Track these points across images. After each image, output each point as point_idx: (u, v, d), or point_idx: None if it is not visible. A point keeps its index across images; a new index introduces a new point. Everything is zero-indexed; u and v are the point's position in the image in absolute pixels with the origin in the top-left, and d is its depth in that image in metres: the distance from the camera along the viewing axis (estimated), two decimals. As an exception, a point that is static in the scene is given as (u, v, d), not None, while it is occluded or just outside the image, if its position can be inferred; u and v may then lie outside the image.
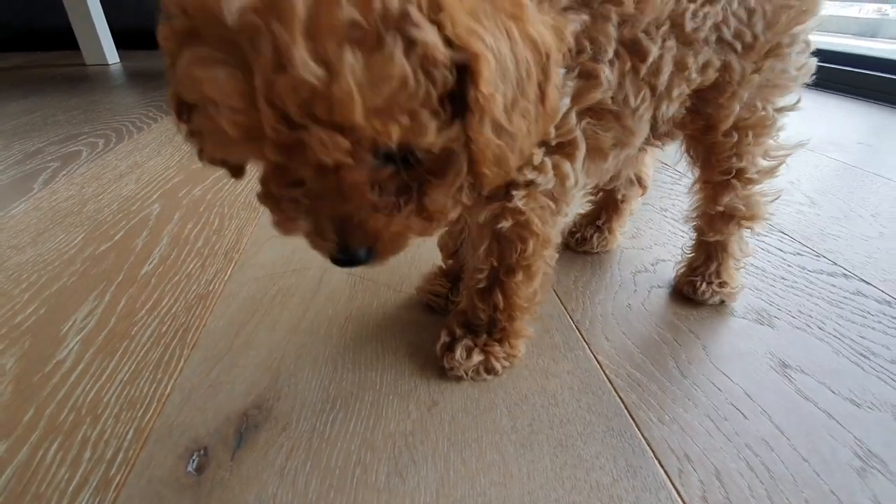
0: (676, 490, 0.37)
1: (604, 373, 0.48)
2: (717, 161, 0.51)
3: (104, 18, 2.03)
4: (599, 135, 0.41)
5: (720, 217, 0.55)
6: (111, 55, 2.09)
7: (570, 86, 0.37)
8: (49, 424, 0.42)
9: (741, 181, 0.51)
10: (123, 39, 2.17)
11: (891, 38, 2.04)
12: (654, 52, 0.39)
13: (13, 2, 2.27)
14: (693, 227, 0.59)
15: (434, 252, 0.58)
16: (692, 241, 0.61)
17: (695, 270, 0.60)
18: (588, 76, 0.38)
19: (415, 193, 0.30)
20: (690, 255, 0.61)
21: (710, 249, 0.59)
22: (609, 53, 0.38)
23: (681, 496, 0.37)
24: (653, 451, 0.40)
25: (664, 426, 0.42)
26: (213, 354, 0.50)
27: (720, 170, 0.51)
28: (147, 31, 2.43)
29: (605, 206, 0.69)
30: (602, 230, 0.69)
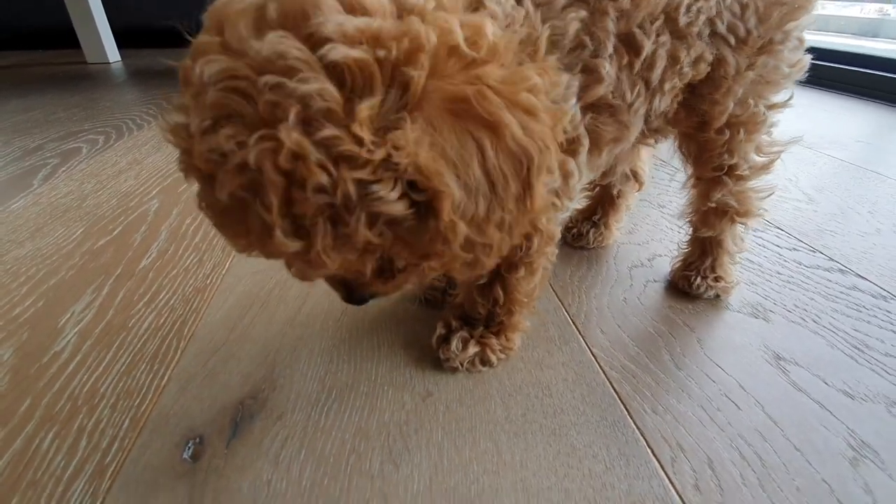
0: (669, 478, 0.37)
1: (598, 364, 0.48)
2: (709, 158, 0.51)
3: (105, 17, 2.04)
4: (599, 129, 0.41)
5: (713, 213, 0.55)
6: (112, 54, 2.09)
7: (575, 84, 0.38)
8: (46, 414, 0.42)
9: (732, 177, 0.52)
10: (124, 38, 2.18)
11: (891, 38, 2.04)
12: (648, 47, 0.40)
13: (14, 1, 2.28)
14: (688, 223, 0.60)
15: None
16: (688, 237, 0.61)
17: (690, 265, 0.60)
18: (590, 72, 0.38)
19: (399, 274, 0.34)
20: (686, 251, 0.61)
21: (705, 245, 0.59)
22: (609, 49, 0.38)
23: (673, 484, 0.37)
24: (646, 441, 0.40)
25: (657, 416, 0.43)
26: (210, 346, 0.50)
27: (712, 166, 0.51)
28: (147, 30, 2.44)
29: (602, 202, 0.69)
30: (598, 226, 0.69)
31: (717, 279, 0.58)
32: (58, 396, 0.44)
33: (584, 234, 0.69)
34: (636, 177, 0.67)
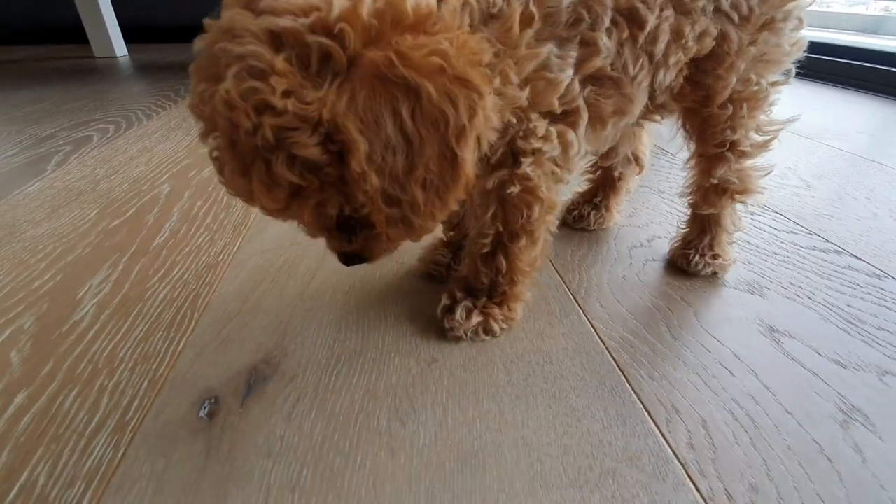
0: (664, 437, 0.39)
1: (597, 335, 0.50)
2: (713, 133, 0.52)
3: (112, 12, 2.06)
4: (601, 102, 0.43)
5: (714, 190, 0.57)
6: (119, 48, 2.12)
7: (573, 55, 0.39)
8: (67, 376, 0.44)
9: (734, 153, 0.53)
10: (131, 33, 2.20)
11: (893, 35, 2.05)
12: (652, 21, 0.41)
13: (23, -4, 2.31)
14: (688, 202, 0.61)
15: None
16: (687, 217, 0.63)
17: (689, 244, 0.61)
18: (587, 44, 0.40)
19: (363, 233, 0.39)
20: (685, 230, 0.63)
21: (704, 223, 0.60)
22: (606, 22, 0.40)
23: (668, 442, 0.38)
24: (642, 403, 0.42)
25: (654, 382, 0.44)
26: (224, 317, 0.52)
27: (715, 142, 0.53)
28: (154, 25, 2.46)
29: (603, 185, 0.71)
30: (599, 208, 0.71)
31: (715, 257, 0.59)
32: (78, 360, 0.46)
33: (586, 216, 0.71)
34: (637, 160, 0.68)
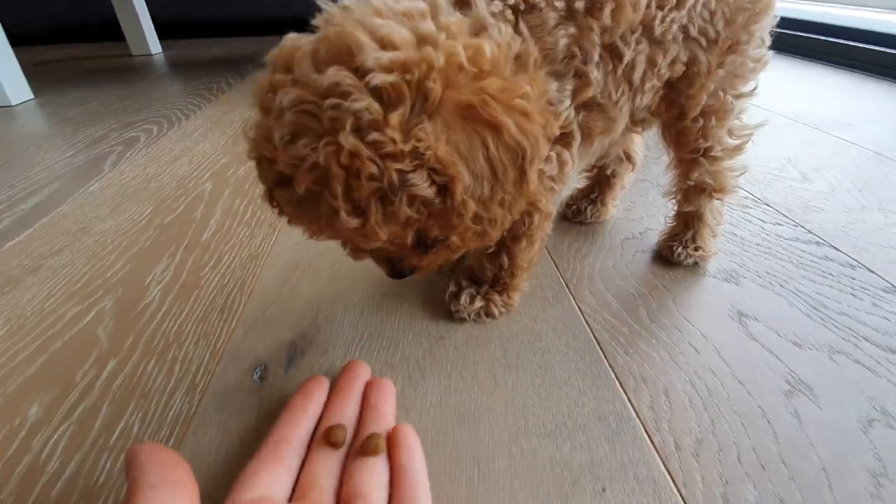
0: (629, 401, 0.47)
1: (583, 318, 0.58)
2: (686, 142, 0.59)
3: (146, 9, 2.17)
4: (590, 124, 0.50)
5: (693, 190, 0.63)
6: (154, 45, 2.24)
7: (569, 88, 0.46)
8: (145, 348, 0.55)
9: (707, 159, 0.59)
10: (165, 29, 2.31)
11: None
12: (629, 55, 0.47)
13: (63, -3, 2.44)
14: (673, 200, 0.68)
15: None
16: (673, 212, 0.69)
17: (674, 237, 0.68)
18: (581, 77, 0.46)
19: (432, 250, 0.42)
20: (671, 224, 0.69)
21: (688, 219, 0.67)
22: (595, 57, 0.46)
23: (632, 404, 0.46)
24: (615, 374, 0.50)
25: (628, 357, 0.52)
26: (266, 300, 0.62)
27: (689, 150, 0.59)
28: (187, 21, 2.56)
29: (599, 182, 0.77)
30: (595, 202, 0.78)
31: (697, 248, 0.66)
32: (153, 336, 0.56)
33: (583, 211, 0.78)
34: (629, 158, 0.74)
